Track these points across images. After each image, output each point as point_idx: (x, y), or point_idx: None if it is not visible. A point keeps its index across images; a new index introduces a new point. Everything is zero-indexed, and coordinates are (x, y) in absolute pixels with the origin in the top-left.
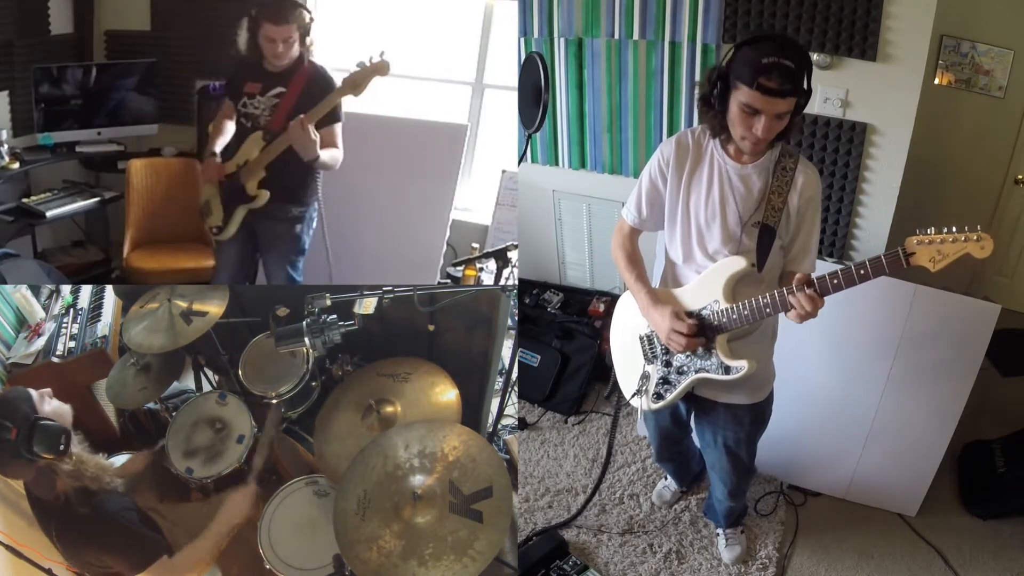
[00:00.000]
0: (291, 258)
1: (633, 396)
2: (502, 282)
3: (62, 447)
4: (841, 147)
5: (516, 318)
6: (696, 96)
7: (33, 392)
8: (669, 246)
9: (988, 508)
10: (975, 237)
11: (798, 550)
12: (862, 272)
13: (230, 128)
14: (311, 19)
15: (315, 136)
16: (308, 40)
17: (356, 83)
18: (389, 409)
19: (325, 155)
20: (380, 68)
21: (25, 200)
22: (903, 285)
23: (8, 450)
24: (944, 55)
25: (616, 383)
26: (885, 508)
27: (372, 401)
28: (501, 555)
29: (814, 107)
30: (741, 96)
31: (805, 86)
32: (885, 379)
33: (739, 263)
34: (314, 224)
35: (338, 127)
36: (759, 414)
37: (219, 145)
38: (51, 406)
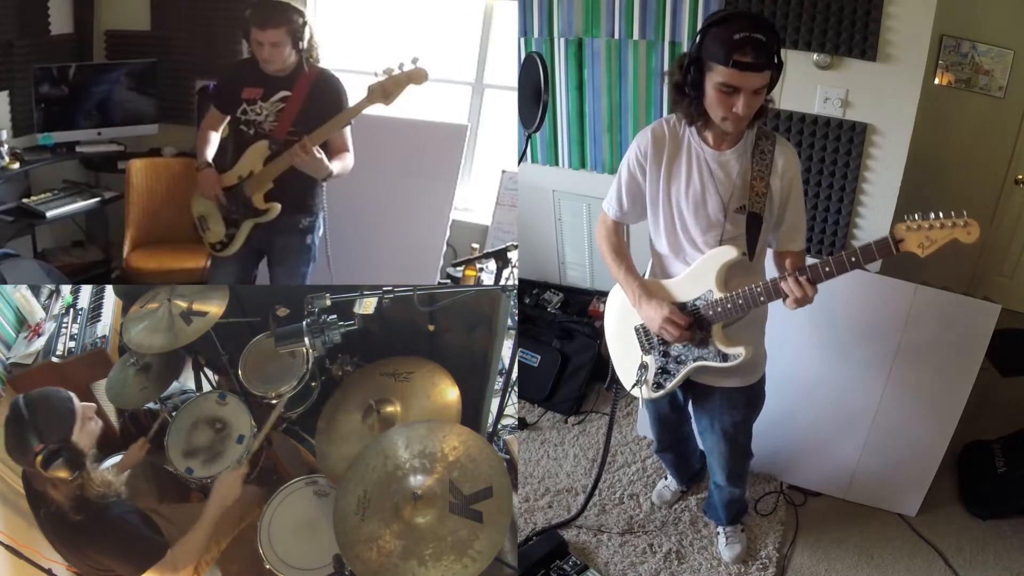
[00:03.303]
0: (302, 269)
1: (634, 387)
2: (502, 282)
3: (75, 473)
4: (841, 147)
5: (516, 318)
6: (667, 85)
7: (78, 409)
8: (654, 238)
9: (988, 508)
10: (962, 223)
11: (798, 550)
12: (853, 260)
13: (215, 139)
14: (303, 22)
15: (320, 155)
16: (305, 44)
17: (387, 92)
18: (389, 409)
19: (337, 167)
20: (415, 76)
21: (25, 200)
22: (904, 285)
23: (26, 457)
24: (944, 55)
25: (614, 376)
26: (885, 508)
27: (372, 401)
28: (501, 555)
29: (814, 107)
30: (717, 76)
31: (776, 60)
32: (885, 379)
33: (730, 252)
34: (321, 231)
35: (347, 130)
36: (753, 396)
37: (209, 156)
38: (87, 429)
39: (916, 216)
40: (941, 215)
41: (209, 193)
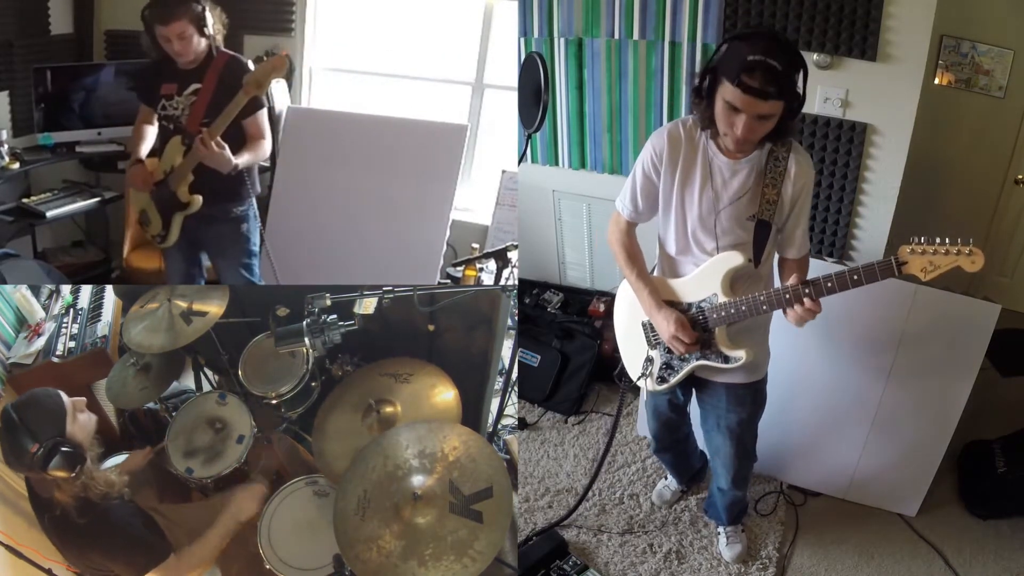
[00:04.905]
0: (244, 260)
1: (639, 378)
2: (502, 282)
3: (76, 470)
4: (841, 147)
5: (516, 318)
6: (692, 87)
7: (67, 403)
8: (664, 238)
9: (988, 508)
10: (967, 251)
11: (798, 550)
12: (855, 278)
13: (151, 132)
14: (202, 8)
15: (219, 148)
16: (209, 30)
17: (259, 82)
18: (389, 409)
19: (246, 158)
20: (277, 63)
21: (25, 200)
22: (904, 285)
23: (24, 461)
24: (944, 55)
25: (623, 366)
26: (885, 508)
27: (372, 401)
28: (501, 555)
29: (814, 107)
30: (725, 93)
31: (797, 89)
32: (885, 379)
33: (736, 259)
34: (258, 221)
35: (262, 114)
36: (757, 393)
37: (143, 151)
38: (80, 422)
39: (921, 239)
40: (947, 241)
41: (139, 188)
